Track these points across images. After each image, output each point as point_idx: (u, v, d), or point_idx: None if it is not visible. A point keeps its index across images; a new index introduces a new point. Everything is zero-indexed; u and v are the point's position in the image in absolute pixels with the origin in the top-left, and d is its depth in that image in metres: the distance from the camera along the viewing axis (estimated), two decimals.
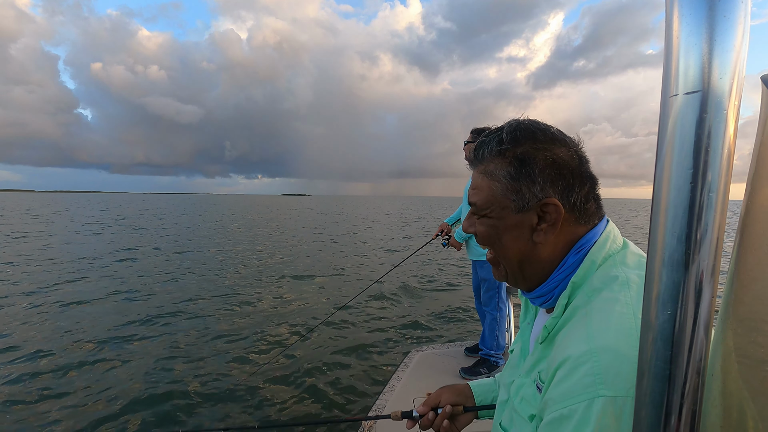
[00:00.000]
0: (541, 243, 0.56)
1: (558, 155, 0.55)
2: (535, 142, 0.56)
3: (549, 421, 0.47)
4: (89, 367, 3.69)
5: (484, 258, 2.67)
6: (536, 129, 0.57)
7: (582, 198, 0.56)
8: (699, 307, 0.29)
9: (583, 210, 0.56)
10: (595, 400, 0.42)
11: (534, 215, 0.56)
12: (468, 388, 0.85)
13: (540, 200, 0.55)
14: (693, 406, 0.30)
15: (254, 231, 17.69)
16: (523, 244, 0.57)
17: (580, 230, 0.57)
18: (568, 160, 0.55)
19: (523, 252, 0.58)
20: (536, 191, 0.55)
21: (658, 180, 0.30)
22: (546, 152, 0.55)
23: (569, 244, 0.57)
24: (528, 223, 0.56)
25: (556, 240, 0.56)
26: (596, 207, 0.58)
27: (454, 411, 0.79)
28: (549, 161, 0.55)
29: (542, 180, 0.55)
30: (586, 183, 0.56)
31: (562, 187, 0.55)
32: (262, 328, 4.81)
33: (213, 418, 2.90)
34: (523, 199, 0.56)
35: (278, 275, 7.95)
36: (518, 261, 0.59)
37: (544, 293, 0.59)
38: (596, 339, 0.46)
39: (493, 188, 0.58)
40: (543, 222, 0.55)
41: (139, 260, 9.38)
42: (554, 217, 0.55)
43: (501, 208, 0.58)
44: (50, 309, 5.42)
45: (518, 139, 0.56)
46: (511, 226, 0.57)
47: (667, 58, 0.28)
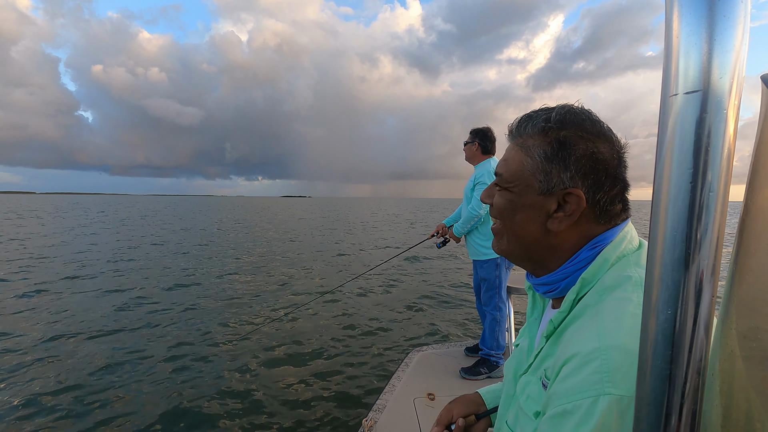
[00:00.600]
0: (553, 231, 0.55)
1: (599, 150, 0.54)
2: (581, 130, 0.55)
3: (552, 415, 0.46)
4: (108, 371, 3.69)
5: (484, 258, 2.68)
6: (586, 118, 0.55)
7: (608, 198, 0.55)
8: (699, 306, 0.29)
9: (606, 210, 0.55)
10: (601, 397, 0.42)
11: (554, 202, 0.55)
12: (477, 395, 0.83)
13: (566, 188, 0.54)
14: (693, 406, 0.30)
15: (268, 234, 17.66)
16: (535, 227, 0.57)
17: (598, 229, 0.56)
18: (607, 158, 0.54)
19: (533, 235, 0.57)
20: (565, 178, 0.54)
21: (658, 180, 0.30)
22: (588, 143, 0.54)
23: (583, 239, 0.56)
24: (546, 208, 0.55)
25: (569, 233, 0.56)
26: (622, 209, 0.56)
27: (467, 422, 0.78)
28: (588, 152, 0.54)
29: (575, 168, 0.54)
30: (617, 185, 0.55)
31: (591, 182, 0.54)
32: (261, 327, 4.81)
33: (212, 421, 2.90)
34: (550, 182, 0.55)
35: (279, 274, 7.95)
36: (526, 242, 0.58)
37: (550, 282, 0.58)
38: (607, 337, 0.45)
39: (525, 163, 0.57)
40: (561, 211, 0.55)
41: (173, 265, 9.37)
42: (573, 208, 0.54)
43: (525, 185, 0.57)
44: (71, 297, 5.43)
45: (565, 122, 0.55)
46: (529, 206, 0.57)
47: (667, 57, 0.28)
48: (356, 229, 20.17)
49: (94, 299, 5.98)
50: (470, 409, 0.80)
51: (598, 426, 0.41)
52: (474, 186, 2.67)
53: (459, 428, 0.76)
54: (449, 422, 0.79)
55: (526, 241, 0.58)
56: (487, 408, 0.81)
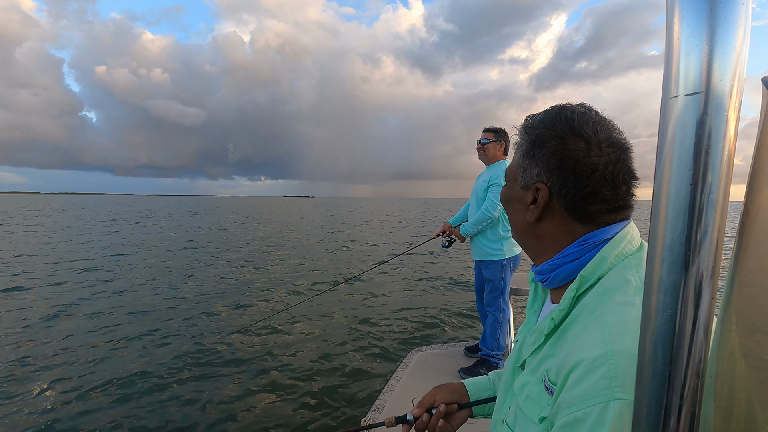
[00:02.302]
0: (531, 222, 0.60)
1: (568, 148, 0.55)
2: (552, 129, 0.57)
3: (562, 424, 0.46)
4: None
5: (488, 258, 2.67)
6: (561, 117, 0.57)
7: (578, 195, 0.55)
8: (699, 308, 0.29)
9: (577, 207, 0.56)
10: (611, 403, 0.41)
11: (531, 195, 0.59)
12: (462, 386, 0.84)
13: (534, 182, 0.58)
14: (692, 408, 0.30)
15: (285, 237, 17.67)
16: (520, 217, 0.62)
17: (576, 227, 0.57)
18: (578, 156, 0.54)
19: (521, 224, 0.63)
20: (534, 173, 0.58)
21: (658, 181, 0.30)
22: (557, 141, 0.56)
23: (566, 234, 0.58)
24: (525, 200, 0.61)
25: (548, 225, 0.59)
26: (606, 210, 0.56)
27: (449, 409, 0.79)
28: (556, 150, 0.56)
29: (542, 165, 0.57)
30: (589, 184, 0.54)
31: (556, 178, 0.56)
32: (260, 327, 4.81)
33: (208, 422, 2.91)
34: (526, 176, 0.60)
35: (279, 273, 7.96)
36: (519, 231, 0.65)
37: (543, 272, 0.62)
38: (613, 342, 0.45)
39: (515, 159, 0.64)
40: (533, 203, 0.59)
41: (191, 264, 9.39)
42: (540, 201, 0.58)
43: (514, 179, 0.63)
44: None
45: (543, 122, 0.59)
46: (515, 198, 0.63)
47: (668, 59, 0.28)
48: (362, 228, 20.17)
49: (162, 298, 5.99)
50: (454, 397, 0.82)
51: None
52: (488, 187, 2.61)
53: (440, 413, 0.78)
54: (431, 406, 0.80)
55: (518, 229, 0.65)
56: (470, 400, 0.82)
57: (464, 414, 0.81)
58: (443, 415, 0.78)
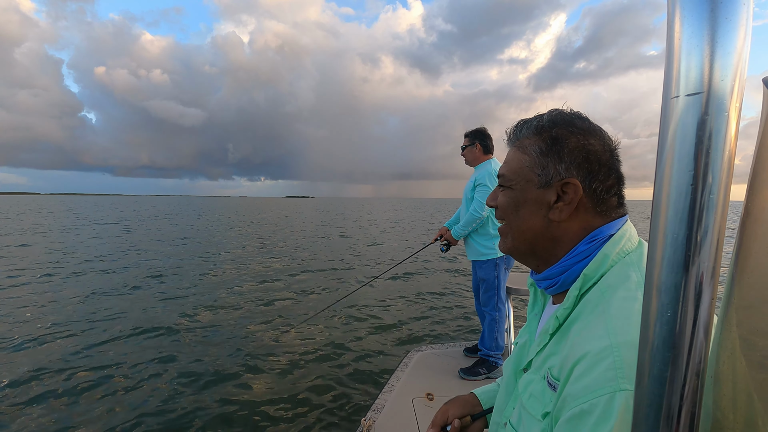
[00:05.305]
0: (555, 221, 0.58)
1: (590, 143, 0.58)
2: (571, 126, 0.59)
3: (569, 417, 0.45)
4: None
5: (483, 258, 2.67)
6: (575, 117, 0.60)
7: (604, 189, 0.57)
8: (699, 309, 0.29)
9: (603, 200, 0.58)
10: (617, 393, 0.42)
11: (554, 193, 0.58)
12: (473, 396, 0.83)
13: (562, 178, 0.57)
14: (692, 409, 0.30)
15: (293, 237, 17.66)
16: (538, 220, 0.60)
17: (596, 221, 0.58)
18: (598, 151, 0.57)
19: (537, 228, 0.60)
20: (561, 169, 0.58)
21: (659, 181, 0.30)
22: (579, 137, 0.58)
23: (582, 230, 0.58)
24: (546, 200, 0.59)
25: (570, 223, 0.58)
26: (618, 203, 0.59)
27: (463, 423, 0.77)
28: (579, 145, 0.57)
29: (569, 160, 0.57)
30: (611, 176, 0.58)
31: (586, 172, 0.57)
32: (260, 327, 4.81)
33: (209, 421, 2.91)
34: (547, 174, 0.58)
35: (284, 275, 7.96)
36: (530, 236, 0.61)
37: (550, 276, 0.60)
38: (617, 334, 0.46)
39: (522, 161, 0.61)
40: (560, 201, 0.58)
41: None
42: (572, 197, 0.57)
43: (525, 180, 0.61)
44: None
45: (556, 122, 0.60)
46: (531, 200, 0.60)
47: (669, 59, 0.28)
48: (370, 228, 20.16)
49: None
50: (466, 409, 0.80)
51: (617, 423, 0.41)
52: (474, 187, 2.65)
53: (455, 429, 0.76)
54: (445, 423, 0.79)
55: (530, 234, 0.61)
56: (483, 408, 0.81)
57: (479, 424, 0.79)
58: (459, 431, 0.77)
